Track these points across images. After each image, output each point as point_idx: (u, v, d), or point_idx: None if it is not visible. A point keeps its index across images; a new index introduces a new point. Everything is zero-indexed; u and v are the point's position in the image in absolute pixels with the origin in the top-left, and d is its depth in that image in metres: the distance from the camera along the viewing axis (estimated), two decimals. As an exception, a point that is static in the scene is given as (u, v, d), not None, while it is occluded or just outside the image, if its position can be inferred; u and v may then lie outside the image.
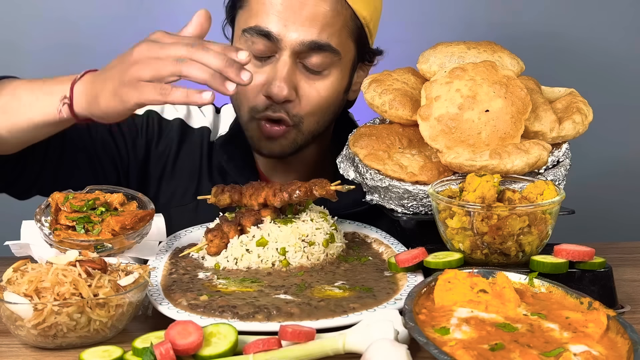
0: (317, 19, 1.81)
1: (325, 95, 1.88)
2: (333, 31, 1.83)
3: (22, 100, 1.62)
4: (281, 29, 1.81)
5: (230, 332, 1.27)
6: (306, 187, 1.66)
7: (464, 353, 1.14)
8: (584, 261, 1.49)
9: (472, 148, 1.62)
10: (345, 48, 1.88)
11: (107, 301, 1.33)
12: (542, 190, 1.53)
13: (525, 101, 1.64)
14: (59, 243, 1.56)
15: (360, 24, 1.90)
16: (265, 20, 1.81)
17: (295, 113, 1.88)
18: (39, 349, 1.34)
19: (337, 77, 1.89)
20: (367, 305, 1.40)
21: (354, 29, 1.89)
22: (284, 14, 1.80)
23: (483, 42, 1.82)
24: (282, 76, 1.82)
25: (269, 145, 1.92)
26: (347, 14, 1.86)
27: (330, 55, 1.85)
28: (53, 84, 1.61)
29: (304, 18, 1.80)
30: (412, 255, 1.51)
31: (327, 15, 1.82)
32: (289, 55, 1.82)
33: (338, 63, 1.88)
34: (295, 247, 1.61)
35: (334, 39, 1.84)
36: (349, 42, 1.89)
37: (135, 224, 1.60)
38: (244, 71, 1.42)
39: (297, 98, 1.87)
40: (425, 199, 1.65)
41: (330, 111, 1.94)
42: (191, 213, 1.95)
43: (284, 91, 1.82)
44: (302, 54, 1.83)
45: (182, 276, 1.55)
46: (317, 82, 1.87)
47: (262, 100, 1.87)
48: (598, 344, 1.23)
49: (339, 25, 1.84)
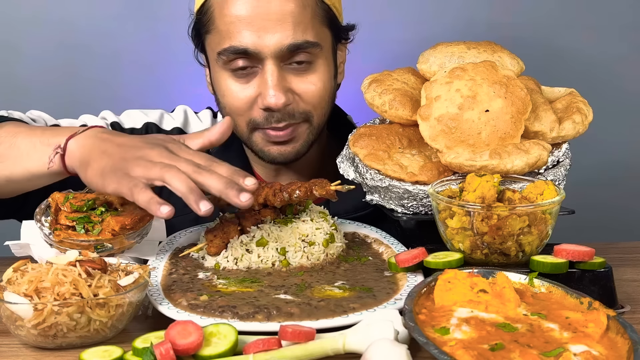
0: (286, 19, 1.81)
1: (321, 86, 1.90)
2: (306, 26, 1.83)
3: (20, 149, 1.62)
4: (256, 42, 1.81)
5: (230, 332, 1.27)
6: (306, 187, 1.66)
7: (464, 353, 1.14)
8: (584, 261, 1.49)
9: (472, 148, 1.62)
10: (322, 36, 1.89)
11: (107, 301, 1.33)
12: (542, 190, 1.53)
13: (525, 101, 1.64)
14: (59, 243, 1.56)
15: (326, 6, 1.90)
16: (238, 38, 1.81)
17: (302, 110, 1.89)
18: (39, 349, 1.34)
19: (324, 65, 1.91)
20: (367, 305, 1.40)
21: (323, 14, 1.89)
22: (253, 26, 1.80)
23: (483, 42, 1.82)
24: (274, 84, 1.82)
25: (280, 149, 1.93)
26: (312, 3, 1.86)
27: (312, 49, 1.86)
28: (52, 135, 1.62)
29: (274, 22, 1.80)
30: (412, 255, 1.51)
31: (295, 12, 1.82)
32: (273, 62, 1.83)
33: (321, 53, 1.89)
34: (295, 247, 1.61)
35: (309, 33, 1.84)
36: (323, 29, 1.90)
37: (135, 224, 1.60)
38: (244, 193, 1.44)
39: (295, 97, 1.88)
40: (425, 199, 1.65)
41: (329, 99, 1.95)
42: (193, 223, 1.95)
43: (280, 99, 1.83)
44: (284, 57, 1.84)
45: (182, 276, 1.55)
46: (309, 76, 1.88)
47: (260, 114, 1.87)
48: (598, 344, 1.23)
49: (308, 17, 1.84)
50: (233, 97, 1.88)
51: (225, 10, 1.84)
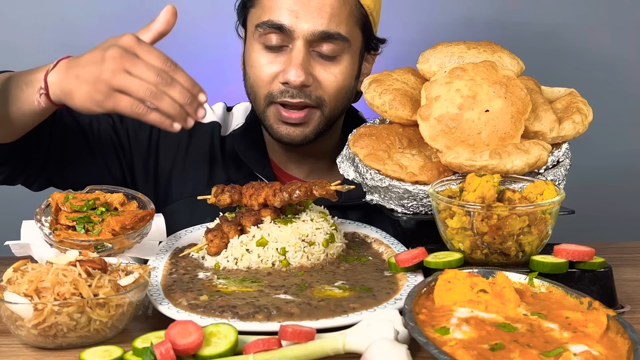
0: (325, 9, 1.91)
1: (341, 79, 1.97)
2: (341, 20, 1.93)
3: (10, 93, 1.68)
4: (293, 21, 1.90)
5: (230, 332, 1.27)
6: (306, 187, 1.66)
7: (464, 353, 1.14)
8: (584, 261, 1.49)
9: (472, 148, 1.62)
10: (354, 35, 1.97)
11: (107, 301, 1.33)
12: (542, 190, 1.53)
13: (525, 101, 1.64)
14: (59, 243, 1.56)
15: (364, 12, 2.00)
16: (277, 14, 1.92)
17: (318, 95, 1.95)
18: (39, 349, 1.34)
19: (349, 62, 1.98)
20: (367, 305, 1.40)
21: (359, 17, 1.98)
22: (294, 6, 1.91)
23: (483, 42, 1.83)
24: (298, 63, 1.91)
25: (289, 130, 1.98)
26: (352, 3, 1.96)
27: (341, 43, 1.94)
28: (32, 73, 1.68)
29: (313, 9, 1.90)
30: (412, 255, 1.51)
31: (334, 5, 1.92)
32: (303, 44, 1.91)
33: (348, 49, 1.97)
34: (295, 247, 1.61)
35: (343, 27, 1.93)
36: (356, 29, 1.98)
37: (135, 224, 1.60)
38: (201, 109, 1.55)
39: (315, 82, 1.94)
40: (425, 199, 1.65)
41: (345, 96, 2.02)
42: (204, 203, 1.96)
43: (301, 77, 1.90)
44: (314, 43, 1.92)
45: (182, 276, 1.55)
46: (332, 67, 1.96)
47: (278, 87, 1.95)
48: (598, 343, 1.23)
49: (345, 14, 1.94)
50: (259, 68, 1.97)
51: None
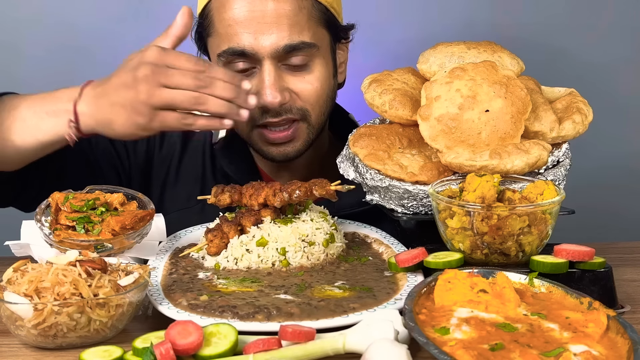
0: (282, 21, 1.84)
1: (318, 86, 1.92)
2: (302, 27, 1.86)
3: (26, 122, 1.65)
4: (253, 43, 1.84)
5: (230, 332, 1.27)
6: (306, 187, 1.66)
7: (464, 353, 1.14)
8: (584, 261, 1.49)
9: (472, 148, 1.62)
10: (319, 37, 1.91)
11: (107, 301, 1.33)
12: (542, 190, 1.53)
13: (525, 101, 1.64)
14: (59, 243, 1.56)
15: (324, 8, 1.92)
16: (236, 39, 1.85)
17: (299, 107, 1.91)
18: (39, 349, 1.34)
19: (322, 65, 1.92)
20: (367, 305, 1.40)
21: (320, 15, 1.91)
22: (250, 27, 1.83)
23: (483, 42, 1.82)
24: (271, 83, 1.85)
25: (279, 149, 1.95)
26: (309, 4, 1.88)
27: (308, 50, 1.88)
28: (54, 102, 1.64)
29: (270, 25, 1.83)
30: (412, 255, 1.51)
31: (290, 14, 1.84)
32: (270, 63, 1.85)
33: (317, 53, 1.90)
34: (295, 247, 1.61)
35: (306, 34, 1.86)
36: (320, 29, 1.91)
37: (135, 224, 1.60)
38: (251, 96, 1.59)
39: (293, 95, 1.90)
40: (425, 199, 1.65)
41: (327, 99, 1.97)
42: (198, 215, 1.95)
43: (277, 97, 1.85)
44: (281, 57, 1.86)
45: (182, 276, 1.55)
46: (306, 75, 1.90)
47: (258, 110, 1.89)
48: (598, 344, 1.23)
49: (304, 19, 1.87)
50: None
51: (223, 14, 1.86)
